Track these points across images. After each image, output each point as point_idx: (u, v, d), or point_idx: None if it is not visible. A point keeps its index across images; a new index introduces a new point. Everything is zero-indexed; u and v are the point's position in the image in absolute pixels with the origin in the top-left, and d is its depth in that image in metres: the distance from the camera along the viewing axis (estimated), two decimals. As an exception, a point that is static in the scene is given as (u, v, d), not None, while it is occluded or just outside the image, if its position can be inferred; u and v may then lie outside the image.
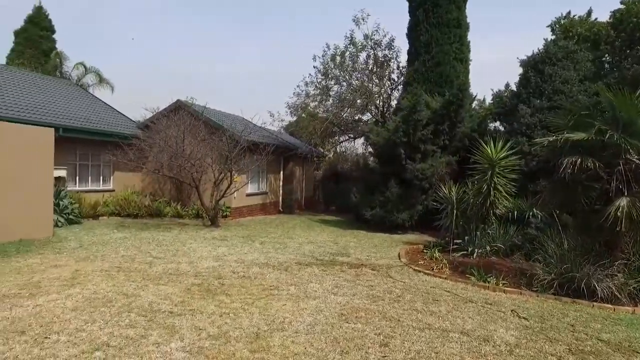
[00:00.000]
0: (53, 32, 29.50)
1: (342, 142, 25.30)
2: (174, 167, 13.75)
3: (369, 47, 19.82)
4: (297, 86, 21.08)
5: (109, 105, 19.75)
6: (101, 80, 27.77)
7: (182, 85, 59.58)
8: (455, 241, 9.95)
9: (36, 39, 28.16)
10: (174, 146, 13.20)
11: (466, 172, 10.50)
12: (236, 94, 58.01)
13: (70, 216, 11.89)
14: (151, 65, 60.37)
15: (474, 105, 16.54)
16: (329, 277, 7.16)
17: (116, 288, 5.70)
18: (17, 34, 28.29)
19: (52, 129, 9.87)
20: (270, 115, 22.55)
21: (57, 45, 29.03)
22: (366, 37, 19.58)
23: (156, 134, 14.31)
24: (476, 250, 9.53)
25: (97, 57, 61.62)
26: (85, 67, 27.53)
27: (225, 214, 15.97)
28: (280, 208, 20.72)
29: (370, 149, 21.96)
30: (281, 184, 20.92)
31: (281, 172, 20.84)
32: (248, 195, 17.85)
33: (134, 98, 44.40)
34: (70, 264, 7.05)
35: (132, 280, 6.13)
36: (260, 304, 5.36)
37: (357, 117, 21.46)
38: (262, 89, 61.65)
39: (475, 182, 9.42)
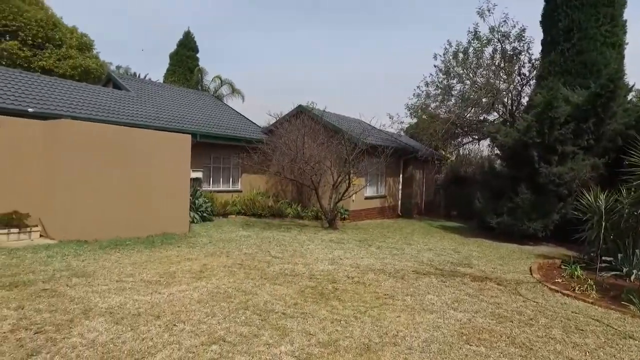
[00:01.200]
0: (197, 51, 33.39)
1: (465, 144, 23.73)
2: (294, 169, 14.31)
3: (496, 40, 18.19)
4: (417, 87, 20.39)
5: (238, 113, 21.54)
6: (234, 90, 30.56)
7: (305, 92, 62.48)
8: (603, 258, 8.42)
9: (184, 59, 32.20)
10: (295, 149, 13.73)
11: (619, 177, 8.86)
12: (353, 98, 58.84)
13: (204, 214, 13.15)
14: (275, 73, 64.72)
15: (630, 97, 13.93)
16: (449, 289, 6.60)
17: (236, 285, 6.01)
18: (171, 56, 32.73)
19: (189, 135, 11.00)
20: (390, 118, 22.13)
21: (199, 63, 32.81)
22: (492, 29, 18.01)
23: (278, 138, 15.09)
24: (635, 271, 7.94)
25: (231, 70, 68.18)
26: (220, 79, 30.61)
27: (343, 216, 16.11)
28: (398, 212, 20.23)
29: (496, 151, 20.15)
30: (400, 187, 20.41)
31: (400, 176, 20.33)
32: (366, 198, 17.77)
33: (261, 105, 48.04)
34: (200, 258, 7.72)
35: (251, 278, 6.43)
36: (373, 313, 5.14)
37: (482, 117, 19.89)
38: (379, 92, 61.46)
39: (633, 189, 7.87)
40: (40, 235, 8.87)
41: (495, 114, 19.53)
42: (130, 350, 3.72)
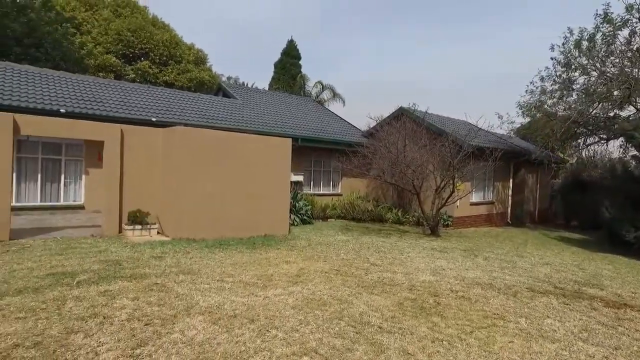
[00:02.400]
0: (299, 59, 34.58)
1: (589, 145, 20.78)
2: (395, 173, 13.84)
3: (635, 20, 15.51)
4: (530, 82, 18.37)
5: (339, 117, 21.65)
6: (334, 95, 30.95)
7: (406, 94, 61.09)
8: None
9: (288, 67, 33.58)
10: (395, 153, 13.27)
11: None
12: (458, 99, 55.79)
13: (304, 217, 13.35)
14: (375, 75, 64.28)
15: None
16: (574, 314, 5.65)
17: (332, 292, 5.84)
18: (275, 65, 34.43)
19: (290, 139, 11.23)
20: (499, 118, 20.27)
21: (302, 70, 33.94)
22: (630, 8, 15.38)
23: (379, 141, 14.75)
24: None
25: (332, 75, 69.45)
26: (322, 85, 31.22)
27: (446, 223, 15.19)
28: (508, 220, 18.50)
29: (633, 152, 17.29)
30: (510, 193, 18.66)
31: (510, 180, 18.58)
32: (472, 204, 16.55)
33: (361, 108, 48.05)
34: (298, 261, 7.74)
35: (348, 286, 6.20)
36: (480, 335, 4.55)
37: (612, 114, 17.20)
38: (485, 92, 57.45)
39: None
40: (158, 233, 9.74)
41: (632, 108, 16.74)
42: (224, 353, 3.73)
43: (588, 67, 16.57)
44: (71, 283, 5.53)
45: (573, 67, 17.01)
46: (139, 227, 9.43)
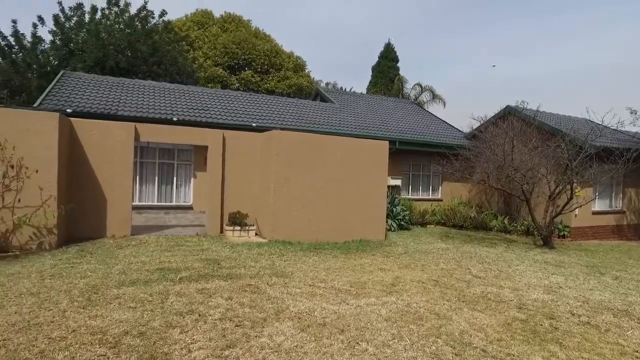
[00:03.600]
0: (397, 61, 33.88)
1: None
2: (501, 177, 12.66)
3: None
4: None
5: (439, 118, 20.64)
6: (434, 96, 29.72)
7: (512, 92, 56.47)
8: None
9: (385, 70, 33.12)
10: (502, 155, 12.13)
11: None
12: (573, 96, 49.86)
13: (402, 222, 12.84)
14: (477, 75, 60.41)
15: None
16: None
17: (429, 305, 5.37)
18: (373, 68, 34.21)
19: (387, 142, 10.86)
20: (631, 113, 17.39)
21: (399, 72, 33.20)
22: None
23: (483, 143, 13.64)
24: None
25: (432, 76, 67.04)
26: (421, 86, 30.21)
27: (562, 233, 13.50)
28: (643, 233, 15.84)
29: None
30: (646, 201, 15.98)
31: (646, 186, 15.92)
32: (594, 213, 14.51)
33: (462, 109, 45.46)
34: (393, 269, 7.35)
35: (447, 299, 5.67)
36: (614, 373, 3.76)
37: None
38: (606, 87, 50.46)
39: None
40: (256, 234, 10.06)
41: None
42: (311, 364, 3.56)
43: None
44: (174, 279, 5.86)
45: None
46: (238, 228, 9.84)
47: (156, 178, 13.91)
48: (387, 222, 11.83)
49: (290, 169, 9.59)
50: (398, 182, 15.39)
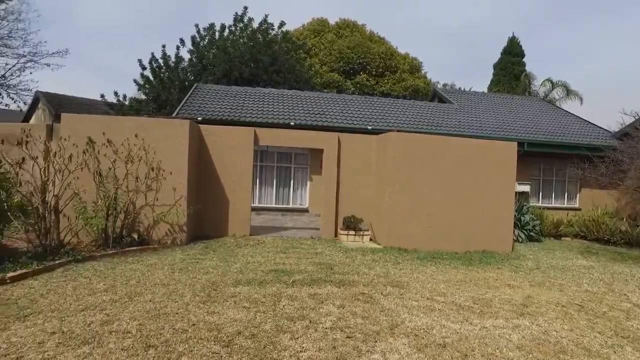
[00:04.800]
0: (522, 56, 30.82)
1: None
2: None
3: None
4: None
5: (576, 116, 18.11)
6: (568, 92, 26.32)
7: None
8: None
9: (509, 67, 30.37)
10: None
11: None
12: None
13: (531, 233, 11.40)
14: (623, 66, 51.91)
15: None
16: None
17: (574, 335, 4.47)
18: (494, 66, 31.65)
19: (515, 143, 9.72)
20: None
21: (526, 68, 30.14)
22: None
23: (637, 143, 11.47)
24: None
25: (565, 70, 59.76)
26: (551, 82, 27.00)
27: None
28: None
29: None
30: None
31: None
32: None
33: (604, 106, 39.45)
34: (523, 286, 6.42)
35: (598, 331, 4.68)
36: None
37: None
38: None
39: None
40: (370, 239, 9.78)
41: None
42: (431, 393, 3.13)
43: None
44: (288, 281, 5.87)
45: None
46: (353, 232, 9.67)
47: (274, 181, 14.55)
48: (514, 232, 10.58)
49: (408, 172, 9.12)
50: (526, 188, 13.77)
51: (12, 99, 19.89)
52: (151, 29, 66.85)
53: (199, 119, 12.45)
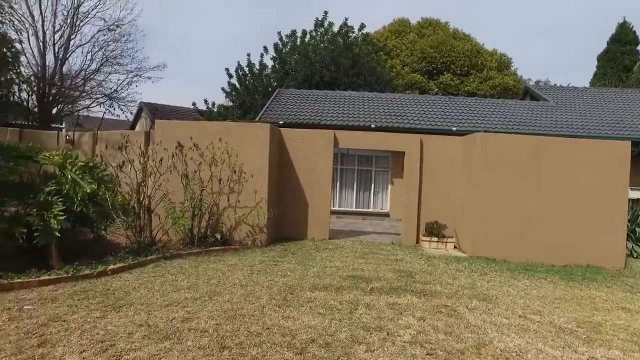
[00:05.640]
0: (636, 44, 27.31)
1: None
2: None
3: None
4: None
5: None
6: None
7: None
8: None
9: (617, 57, 27.15)
10: None
11: None
12: None
13: (649, 246, 9.88)
14: None
15: None
16: None
17: None
18: (599, 58, 28.50)
19: (628, 143, 8.49)
20: None
21: (640, 57, 26.69)
22: None
23: None
24: None
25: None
26: (675, 72, 23.52)
27: None
28: None
29: None
30: None
31: None
32: None
33: None
34: (642, 310, 5.50)
35: None
36: None
37: None
38: None
39: None
40: (454, 247, 9.18)
41: None
42: None
43: None
44: (365, 288, 5.64)
45: None
46: (435, 239, 9.15)
47: (355, 184, 14.39)
48: (626, 245, 9.24)
49: (497, 175, 8.40)
50: (641, 194, 12.00)
51: (122, 109, 22.24)
52: (239, 39, 70.79)
53: (280, 122, 12.74)
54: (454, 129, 13.09)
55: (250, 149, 8.42)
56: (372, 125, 13.25)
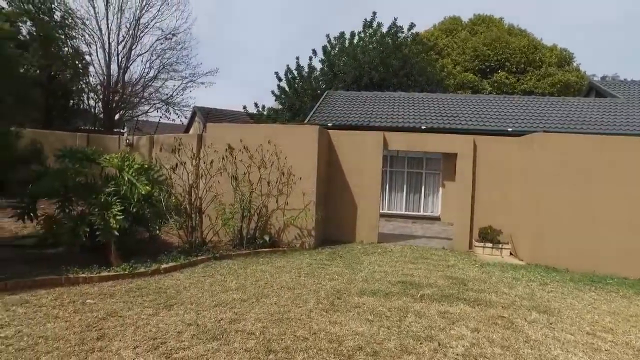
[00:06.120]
0: None
1: None
2: None
3: None
4: None
5: None
6: None
7: None
8: None
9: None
10: None
11: None
12: None
13: None
14: None
15: None
16: None
17: None
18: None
19: None
20: None
21: None
22: None
23: None
24: None
25: None
26: None
27: None
28: None
29: None
30: None
31: None
32: None
33: None
34: None
35: None
36: None
37: None
38: None
39: None
40: (510, 254, 8.69)
41: None
42: None
43: None
44: (415, 295, 5.44)
45: None
46: (490, 245, 8.71)
47: (404, 187, 14.08)
48: None
49: (558, 177, 7.85)
50: None
51: (177, 114, 23.30)
52: (288, 43, 71.89)
53: (329, 125, 12.71)
54: (509, 129, 12.45)
55: (299, 151, 8.43)
56: (423, 127, 12.89)
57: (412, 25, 22.62)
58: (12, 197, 7.97)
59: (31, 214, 6.41)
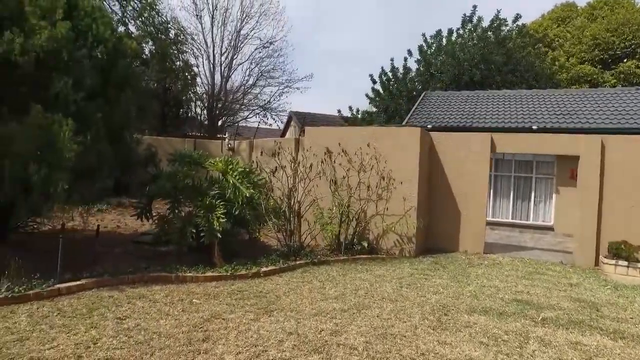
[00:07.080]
0: None
1: None
2: None
3: None
4: None
5: None
6: None
7: None
8: None
9: None
10: None
11: None
12: None
13: None
14: None
15: None
16: None
17: None
18: None
19: None
20: None
21: None
22: None
23: None
24: None
25: None
26: None
27: None
28: None
29: None
30: None
31: None
32: None
33: None
34: None
35: None
36: None
37: None
38: None
39: None
40: (651, 274, 7.34)
41: None
42: None
43: None
44: (535, 317, 4.76)
45: None
46: (624, 263, 7.43)
47: (511, 193, 12.86)
48: None
49: None
50: None
51: (274, 119, 24.22)
52: (383, 45, 71.22)
53: (428, 127, 12.08)
54: (645, 127, 10.68)
55: (399, 154, 8.04)
56: (534, 127, 11.63)
57: (517, 17, 20.80)
58: (134, 198, 8.76)
59: (147, 214, 6.93)
